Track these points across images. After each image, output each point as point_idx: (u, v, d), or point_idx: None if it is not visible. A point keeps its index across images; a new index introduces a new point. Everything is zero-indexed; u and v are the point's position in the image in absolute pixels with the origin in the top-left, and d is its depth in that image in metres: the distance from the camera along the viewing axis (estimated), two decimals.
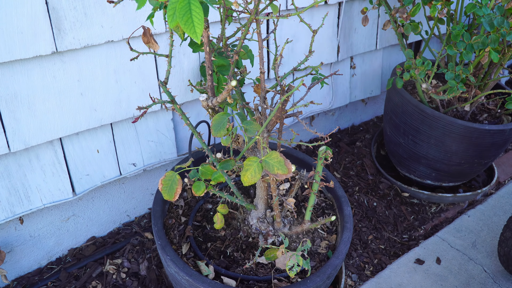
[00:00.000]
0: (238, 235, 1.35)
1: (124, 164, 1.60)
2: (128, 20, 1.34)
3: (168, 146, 1.68)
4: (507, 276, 1.66)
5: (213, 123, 0.96)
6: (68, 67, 1.31)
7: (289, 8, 1.73)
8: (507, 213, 1.95)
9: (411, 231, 1.89)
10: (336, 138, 2.40)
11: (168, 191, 1.01)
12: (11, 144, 1.29)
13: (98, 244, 1.70)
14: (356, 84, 2.25)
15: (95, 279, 1.55)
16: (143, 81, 1.47)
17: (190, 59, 1.55)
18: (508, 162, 2.33)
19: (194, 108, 1.70)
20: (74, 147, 1.46)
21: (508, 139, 1.81)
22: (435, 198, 2.00)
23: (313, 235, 1.37)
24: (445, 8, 1.74)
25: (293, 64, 1.89)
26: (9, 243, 1.49)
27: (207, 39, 0.96)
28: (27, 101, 1.27)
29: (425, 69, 1.75)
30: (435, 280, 1.63)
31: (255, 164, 0.93)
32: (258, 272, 1.24)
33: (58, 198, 1.48)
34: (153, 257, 1.63)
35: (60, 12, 1.21)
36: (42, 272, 1.59)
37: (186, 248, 1.30)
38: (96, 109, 1.42)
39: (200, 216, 1.43)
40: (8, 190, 1.37)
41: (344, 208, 1.36)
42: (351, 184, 2.09)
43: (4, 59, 1.17)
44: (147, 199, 1.81)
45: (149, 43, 1.00)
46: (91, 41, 1.30)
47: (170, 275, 1.24)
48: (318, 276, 1.14)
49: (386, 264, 1.71)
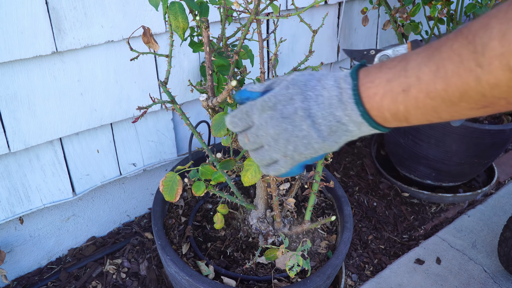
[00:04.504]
0: (238, 235, 1.35)
1: (124, 164, 1.60)
2: (128, 20, 1.34)
3: (168, 146, 1.68)
4: (507, 276, 1.66)
5: (213, 123, 0.96)
6: (68, 67, 1.31)
7: (289, 8, 1.73)
8: (507, 213, 1.95)
9: (411, 231, 1.89)
10: None
11: (169, 192, 1.01)
12: (11, 144, 1.29)
13: (98, 244, 1.70)
14: None
15: (95, 279, 1.55)
16: (143, 81, 1.47)
17: (190, 59, 1.55)
18: (508, 162, 2.33)
19: (194, 108, 1.69)
20: (74, 147, 1.46)
21: (508, 139, 1.81)
22: (435, 198, 2.00)
23: (313, 235, 1.37)
24: (445, 8, 1.74)
25: (293, 64, 1.89)
26: (9, 243, 1.49)
27: (207, 39, 0.96)
28: (27, 101, 1.27)
29: None
30: (435, 280, 1.63)
31: (255, 164, 0.93)
32: (258, 272, 1.24)
33: (58, 198, 1.48)
34: (153, 257, 1.63)
35: (60, 12, 1.21)
36: (42, 272, 1.59)
37: (186, 248, 1.30)
38: (96, 109, 1.42)
39: (200, 216, 1.43)
40: (8, 190, 1.37)
41: (344, 208, 1.36)
42: (351, 184, 2.09)
43: (4, 59, 1.17)
44: (147, 199, 1.81)
45: (149, 43, 0.99)
46: (91, 41, 1.30)
47: (170, 275, 1.24)
48: (318, 276, 1.14)
49: (386, 264, 1.71)
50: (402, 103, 0.50)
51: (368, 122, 0.53)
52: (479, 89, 0.45)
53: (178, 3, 0.90)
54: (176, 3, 0.90)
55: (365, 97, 0.52)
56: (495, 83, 0.44)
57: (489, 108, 0.48)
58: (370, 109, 0.52)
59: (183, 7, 0.91)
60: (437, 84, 0.47)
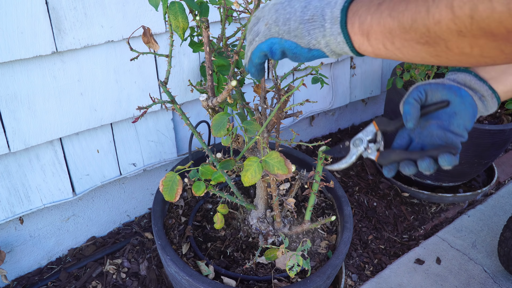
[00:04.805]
0: (238, 235, 1.35)
1: (124, 164, 1.60)
2: (128, 20, 1.34)
3: (168, 146, 1.68)
4: (507, 276, 1.66)
5: (213, 123, 0.96)
6: (68, 67, 1.31)
7: None
8: (507, 213, 1.95)
9: (411, 231, 1.89)
10: (336, 138, 2.40)
11: (169, 192, 1.01)
12: (11, 144, 1.29)
13: (98, 244, 1.70)
14: (356, 84, 2.25)
15: (95, 279, 1.55)
16: (143, 81, 1.47)
17: (190, 59, 1.55)
18: (508, 162, 2.33)
19: (194, 108, 1.70)
20: (74, 147, 1.46)
21: (508, 139, 1.81)
22: (435, 198, 2.00)
23: (313, 235, 1.37)
24: None
25: (293, 64, 1.89)
26: (9, 243, 1.49)
27: (207, 39, 0.96)
28: (27, 101, 1.27)
29: (425, 69, 1.75)
30: (435, 280, 1.63)
31: (255, 164, 0.93)
32: (258, 272, 1.24)
33: (58, 198, 1.48)
34: (153, 257, 1.63)
35: (60, 12, 1.21)
36: (42, 272, 1.59)
37: (186, 248, 1.30)
38: (96, 109, 1.42)
39: (200, 216, 1.43)
40: (8, 190, 1.37)
41: (344, 208, 1.36)
42: (351, 184, 2.09)
43: (4, 59, 1.17)
44: (147, 199, 1.81)
45: (149, 43, 1.00)
46: (91, 41, 1.30)
47: (170, 275, 1.24)
48: (318, 276, 1.14)
49: (386, 264, 1.71)
50: (370, 15, 0.58)
51: (340, 24, 0.62)
52: (426, 22, 0.51)
53: (178, 3, 0.90)
54: (176, 3, 0.90)
55: (352, 10, 0.61)
56: (438, 19, 0.50)
57: (431, 48, 0.54)
58: (348, 15, 0.62)
59: (183, 7, 0.91)
60: (400, 5, 0.54)
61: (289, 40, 0.68)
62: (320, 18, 0.64)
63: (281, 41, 0.69)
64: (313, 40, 0.65)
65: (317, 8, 0.64)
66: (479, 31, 0.48)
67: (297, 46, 0.68)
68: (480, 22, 0.47)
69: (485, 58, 0.52)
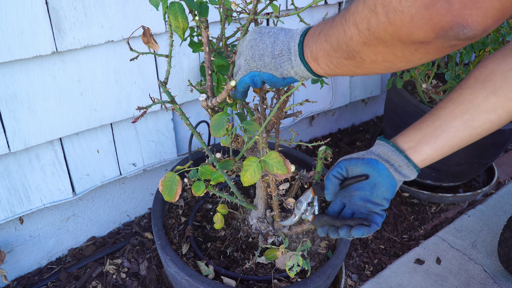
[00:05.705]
0: (238, 235, 1.35)
1: (124, 164, 1.60)
2: (128, 20, 1.34)
3: (168, 146, 1.68)
4: (507, 276, 1.66)
5: (212, 123, 0.96)
6: (68, 67, 1.31)
7: (289, 8, 1.73)
8: (507, 213, 1.95)
9: (411, 231, 1.89)
10: (336, 138, 2.40)
11: (168, 192, 1.01)
12: (11, 144, 1.29)
13: (98, 244, 1.70)
14: (356, 84, 2.25)
15: (95, 279, 1.55)
16: (143, 81, 1.47)
17: (190, 59, 1.55)
18: (508, 162, 2.33)
19: (194, 108, 1.70)
20: (74, 147, 1.46)
21: (508, 139, 1.81)
22: (435, 198, 2.00)
23: (313, 235, 1.37)
24: None
25: None
26: (9, 243, 1.49)
27: (206, 39, 0.96)
28: (27, 101, 1.28)
29: (425, 69, 1.75)
30: (435, 280, 1.63)
31: (254, 164, 0.93)
32: (258, 272, 1.24)
33: (58, 198, 1.48)
34: (153, 257, 1.63)
35: (60, 12, 1.21)
36: (42, 272, 1.59)
37: (186, 248, 1.30)
38: (96, 109, 1.42)
39: (200, 216, 1.43)
40: (8, 190, 1.37)
41: None
42: None
43: (4, 59, 1.17)
44: (147, 199, 1.81)
45: (149, 43, 0.99)
46: (91, 41, 1.30)
47: (170, 275, 1.24)
48: (318, 276, 1.14)
49: (386, 264, 1.71)
50: (315, 44, 0.73)
51: (299, 56, 0.76)
52: (345, 40, 0.65)
53: (178, 3, 0.90)
54: (176, 3, 0.90)
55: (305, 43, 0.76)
56: (350, 36, 0.64)
57: (353, 61, 0.67)
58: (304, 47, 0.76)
59: (183, 7, 0.91)
60: (329, 31, 0.69)
61: (266, 73, 0.82)
62: (287, 52, 0.78)
63: (260, 74, 0.83)
64: (285, 71, 0.79)
65: (284, 43, 0.78)
66: (376, 40, 0.60)
67: (273, 76, 0.81)
68: (374, 33, 0.59)
69: (386, 63, 0.64)
